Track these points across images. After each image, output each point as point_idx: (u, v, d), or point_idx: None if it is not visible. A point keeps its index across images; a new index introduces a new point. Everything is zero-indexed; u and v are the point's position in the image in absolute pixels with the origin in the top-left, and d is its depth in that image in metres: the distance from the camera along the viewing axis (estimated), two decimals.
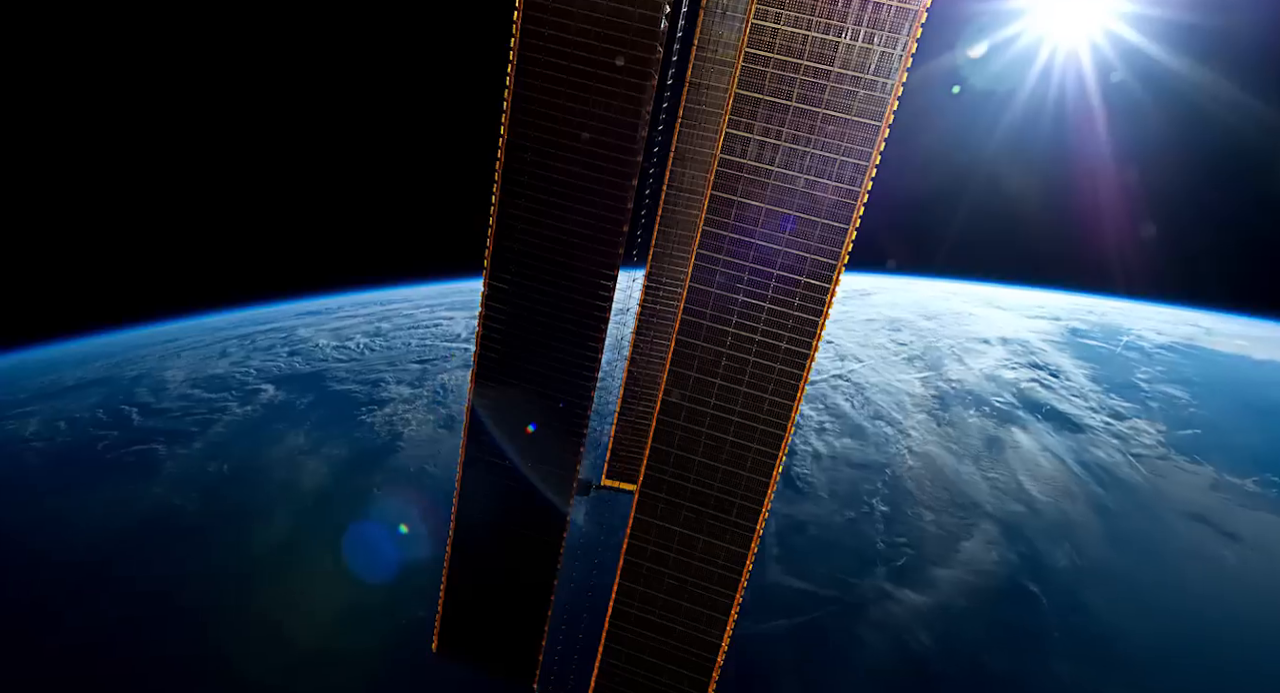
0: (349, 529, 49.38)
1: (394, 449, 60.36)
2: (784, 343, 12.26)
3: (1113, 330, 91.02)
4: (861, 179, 11.28)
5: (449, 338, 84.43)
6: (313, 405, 68.23)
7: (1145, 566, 48.25)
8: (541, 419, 14.80)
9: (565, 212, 13.21)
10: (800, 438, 60.66)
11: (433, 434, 62.82)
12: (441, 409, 66.92)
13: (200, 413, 67.05)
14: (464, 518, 15.99)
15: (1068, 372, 75.38)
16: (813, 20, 10.84)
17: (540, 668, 16.68)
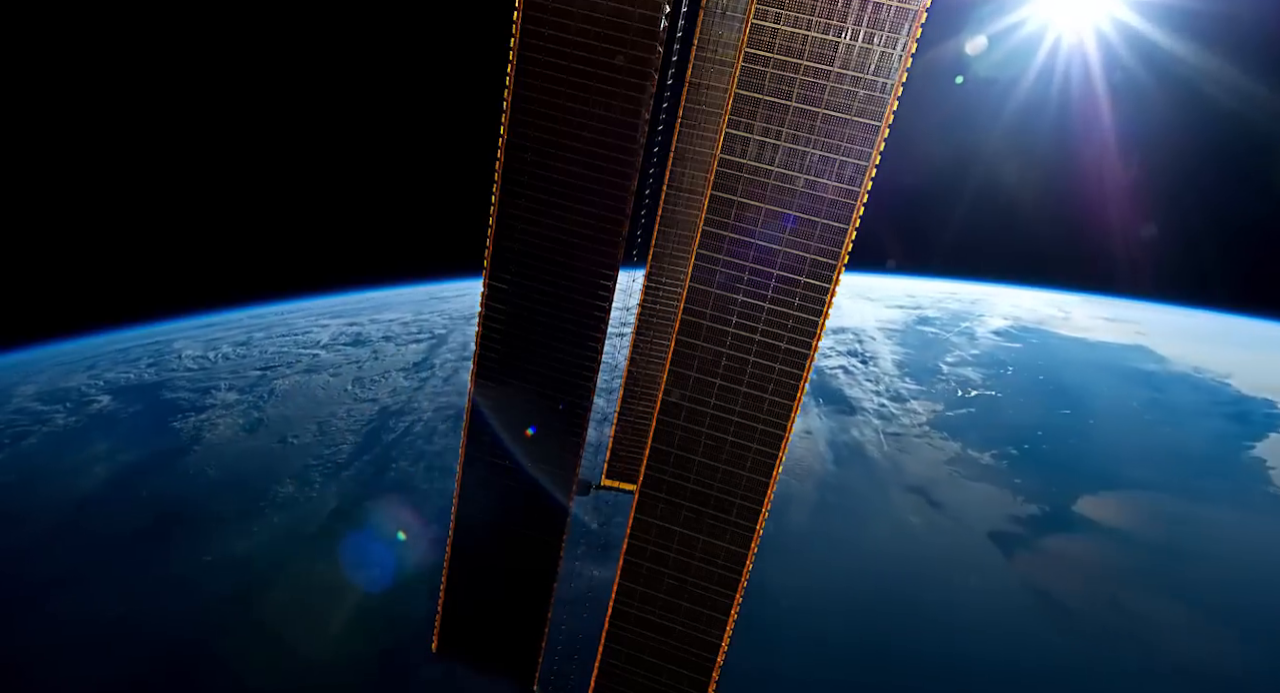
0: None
1: (187, 453, 62.15)
2: (784, 343, 12.26)
3: (964, 317, 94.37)
4: (861, 179, 11.28)
5: (310, 345, 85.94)
6: (136, 415, 69.66)
7: (829, 531, 51.38)
8: (541, 419, 14.80)
9: (565, 212, 13.21)
10: None
11: (232, 437, 64.56)
12: (255, 413, 68.71)
13: (23, 425, 68.16)
14: (464, 518, 15.99)
15: (879, 358, 79.12)
16: (813, 20, 10.84)
17: (540, 668, 16.68)
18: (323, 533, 51.36)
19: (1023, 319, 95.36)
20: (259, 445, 63.29)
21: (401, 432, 65.32)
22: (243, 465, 60.09)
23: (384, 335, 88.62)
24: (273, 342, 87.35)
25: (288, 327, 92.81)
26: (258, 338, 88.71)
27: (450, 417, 67.75)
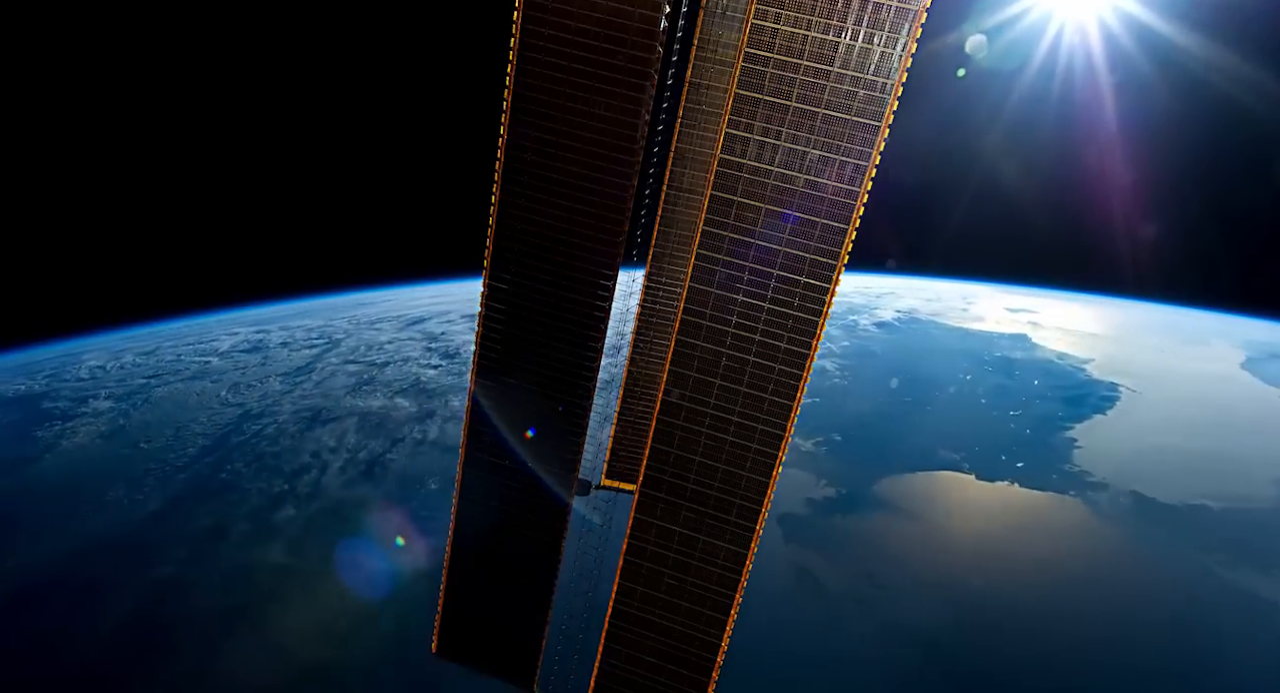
0: None
1: (38, 460, 63.04)
2: (784, 343, 12.26)
3: (859, 310, 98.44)
4: (861, 179, 11.28)
5: (208, 353, 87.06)
6: (6, 425, 70.56)
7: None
8: (541, 419, 14.79)
9: (565, 212, 13.20)
10: None
11: (87, 444, 65.34)
12: (121, 420, 69.48)
13: None
14: (463, 518, 15.99)
15: None
16: (812, 20, 10.84)
17: (540, 668, 16.67)
18: (133, 534, 52.32)
19: (918, 311, 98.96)
20: (109, 451, 64.46)
21: (251, 434, 66.27)
22: (85, 470, 61.12)
23: (283, 341, 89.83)
24: (177, 350, 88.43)
25: (201, 335, 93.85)
26: (166, 347, 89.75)
27: (306, 418, 69.03)
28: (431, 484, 59.20)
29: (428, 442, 66.00)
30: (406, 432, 67.52)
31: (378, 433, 66.94)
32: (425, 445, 65.43)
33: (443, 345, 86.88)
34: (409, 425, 68.60)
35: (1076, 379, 78.94)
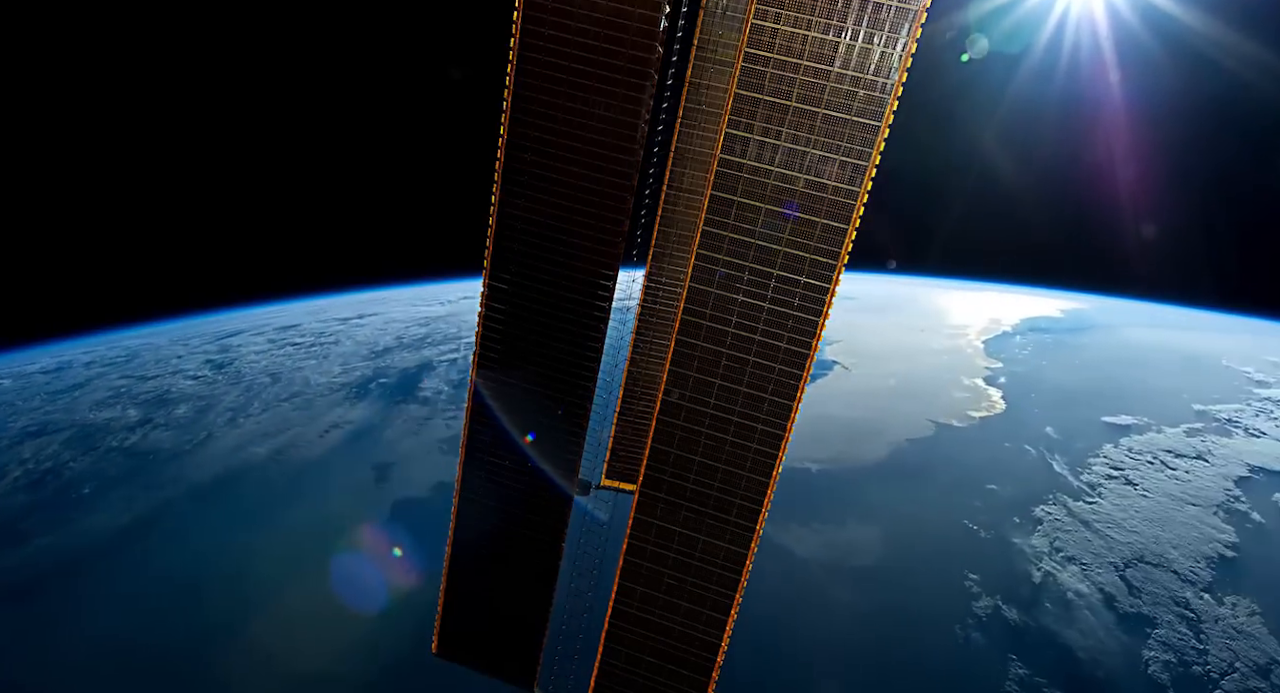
0: None
1: None
2: (784, 343, 12.26)
3: None
4: (861, 179, 11.28)
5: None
6: None
7: None
8: (540, 420, 14.79)
9: (565, 212, 13.20)
10: None
11: None
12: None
13: None
14: (464, 518, 15.98)
15: None
16: (812, 20, 10.83)
17: (540, 668, 16.66)
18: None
19: None
20: None
21: None
22: None
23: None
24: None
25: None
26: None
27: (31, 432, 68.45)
28: (86, 489, 59.42)
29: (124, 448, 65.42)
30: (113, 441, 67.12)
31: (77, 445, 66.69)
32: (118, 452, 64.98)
33: (231, 356, 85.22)
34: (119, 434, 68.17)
35: None
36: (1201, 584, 47.60)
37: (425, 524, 52.73)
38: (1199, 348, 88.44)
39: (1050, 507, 55.48)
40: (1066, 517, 54.28)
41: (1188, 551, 50.39)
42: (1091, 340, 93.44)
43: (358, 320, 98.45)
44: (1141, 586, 47.42)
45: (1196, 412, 69.27)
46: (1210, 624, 44.48)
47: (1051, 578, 48.11)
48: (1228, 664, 41.95)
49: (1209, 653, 42.66)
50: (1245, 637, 43.65)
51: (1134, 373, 79.71)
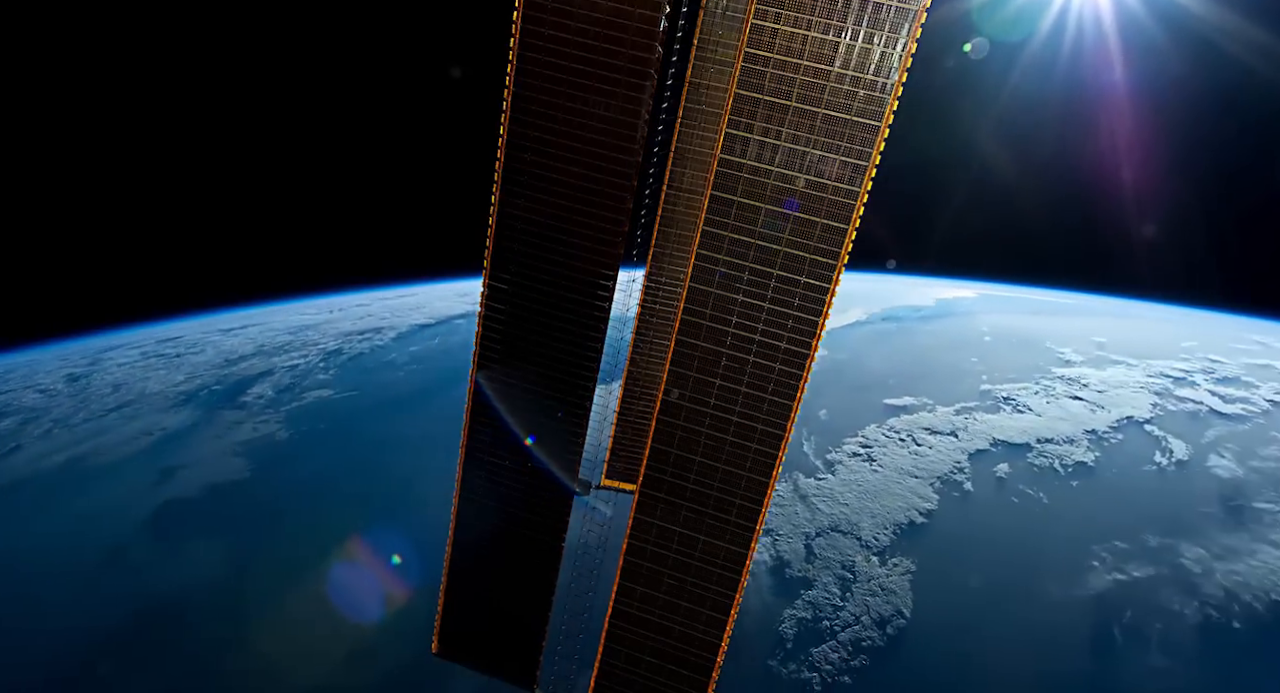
0: None
1: None
2: (784, 343, 12.26)
3: None
4: (861, 179, 11.28)
5: None
6: None
7: None
8: (540, 420, 14.79)
9: (565, 211, 13.20)
10: None
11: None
12: None
13: None
14: (464, 518, 15.98)
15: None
16: (812, 20, 10.84)
17: (540, 668, 16.66)
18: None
19: None
20: None
21: None
22: None
23: None
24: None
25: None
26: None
27: None
28: None
29: None
30: None
31: None
32: None
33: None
34: None
35: None
36: (876, 549, 49.70)
37: (188, 524, 54.02)
38: (1042, 332, 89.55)
39: (777, 484, 56.04)
40: (789, 492, 55.63)
41: (883, 519, 52.49)
42: (936, 327, 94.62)
43: (240, 329, 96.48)
44: (821, 552, 49.19)
45: (981, 391, 71.02)
46: (862, 584, 46.60)
47: None
48: (854, 618, 44.14)
49: (845, 609, 44.83)
50: (886, 594, 45.86)
51: (948, 357, 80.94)
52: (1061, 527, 52.69)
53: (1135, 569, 49.10)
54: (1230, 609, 46.32)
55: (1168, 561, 49.99)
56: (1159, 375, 75.93)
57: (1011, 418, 66.84)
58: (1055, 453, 61.75)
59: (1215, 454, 62.07)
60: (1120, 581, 48.18)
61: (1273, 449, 63.68)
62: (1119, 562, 49.59)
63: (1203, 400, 71.37)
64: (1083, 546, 50.67)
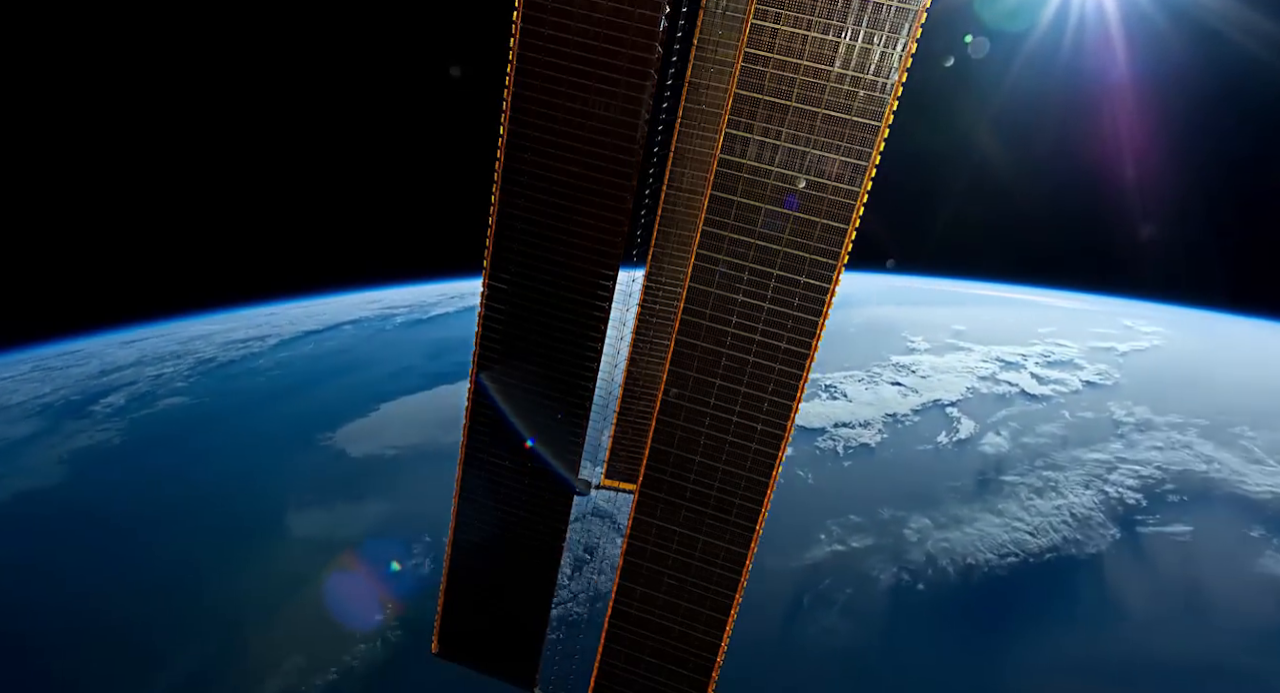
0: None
1: None
2: (784, 343, 12.26)
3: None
4: (861, 179, 11.28)
5: None
6: None
7: None
8: (540, 421, 14.79)
9: (565, 211, 13.20)
10: None
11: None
12: None
13: None
14: (464, 518, 15.98)
15: None
16: (812, 20, 10.84)
17: (540, 668, 16.67)
18: None
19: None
20: None
21: None
22: None
23: None
24: None
25: None
26: None
27: None
28: None
29: None
30: None
31: None
32: None
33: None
34: None
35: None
36: None
37: None
38: (908, 321, 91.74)
39: None
40: None
41: None
42: None
43: (138, 341, 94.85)
44: (573, 534, 50.91)
45: (810, 380, 72.60)
46: (595, 564, 49.27)
47: None
48: (571, 596, 47.15)
49: (566, 588, 46.85)
50: (612, 572, 47.66)
51: None
52: (811, 503, 55.60)
53: (856, 540, 52.24)
54: (924, 573, 49.65)
55: (892, 531, 53.26)
56: (994, 361, 78.88)
57: (823, 405, 69.38)
58: (845, 436, 64.64)
59: (993, 433, 65.57)
60: (838, 551, 51.24)
61: (1051, 427, 67.58)
62: (845, 534, 52.72)
63: (1018, 383, 74.66)
64: (819, 520, 53.61)
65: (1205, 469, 61.41)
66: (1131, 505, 57.07)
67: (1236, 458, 62.69)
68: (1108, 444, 64.72)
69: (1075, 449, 63.89)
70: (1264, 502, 57.30)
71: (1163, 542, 53.62)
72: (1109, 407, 70.36)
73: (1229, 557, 51.62)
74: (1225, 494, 58.48)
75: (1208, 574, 50.28)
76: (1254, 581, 49.41)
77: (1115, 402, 71.20)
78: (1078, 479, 59.83)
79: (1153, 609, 47.99)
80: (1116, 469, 61.19)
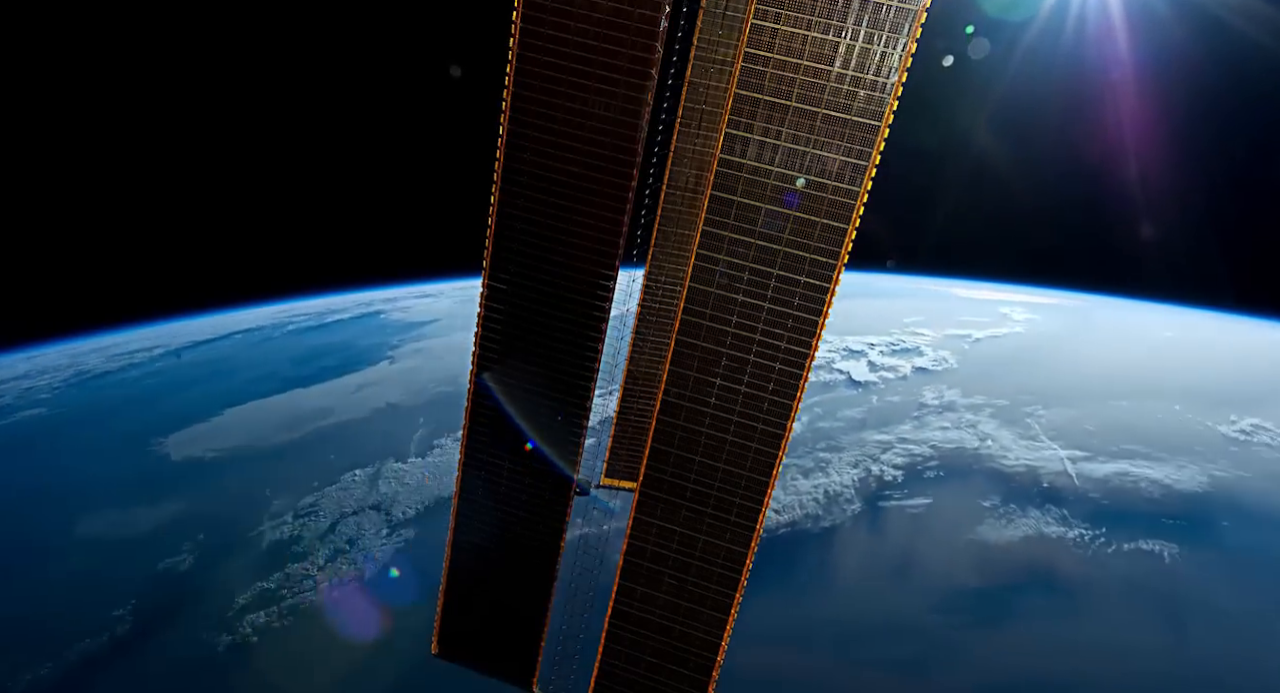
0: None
1: None
2: (784, 342, 12.27)
3: None
4: (861, 179, 11.29)
5: None
6: None
7: None
8: (539, 421, 14.79)
9: (565, 211, 13.21)
10: None
11: None
12: None
13: None
14: (463, 519, 15.99)
15: None
16: (812, 20, 10.85)
17: (540, 668, 16.67)
18: None
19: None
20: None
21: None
22: None
23: None
24: None
25: None
26: None
27: None
28: None
29: None
30: None
31: None
32: None
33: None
34: None
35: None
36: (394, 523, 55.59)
37: None
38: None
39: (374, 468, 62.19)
40: (367, 477, 61.21)
41: (420, 498, 58.40)
42: None
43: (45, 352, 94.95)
44: (343, 529, 55.07)
45: None
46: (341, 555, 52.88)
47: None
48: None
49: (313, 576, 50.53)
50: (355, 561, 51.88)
51: None
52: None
53: None
54: None
55: None
56: (840, 350, 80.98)
57: None
58: None
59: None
60: None
61: (854, 411, 70.34)
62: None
63: (849, 371, 77.26)
64: (586, 503, 55.03)
65: (977, 447, 64.49)
66: (888, 482, 60.01)
67: (1012, 435, 66.11)
68: (898, 426, 67.42)
69: (866, 432, 66.59)
70: (1015, 475, 60.47)
71: (897, 514, 56.70)
72: (923, 391, 73.20)
73: (950, 525, 54.56)
74: (983, 469, 61.57)
75: (923, 542, 53.49)
76: (963, 546, 52.56)
77: (933, 386, 73.87)
78: (850, 459, 62.37)
79: (862, 576, 50.84)
80: (892, 449, 63.86)
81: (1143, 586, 48.86)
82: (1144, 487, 58.28)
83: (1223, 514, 55.15)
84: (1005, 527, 54.29)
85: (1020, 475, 60.25)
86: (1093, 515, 55.06)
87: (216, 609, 47.23)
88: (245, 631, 45.50)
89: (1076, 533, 53.35)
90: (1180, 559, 50.59)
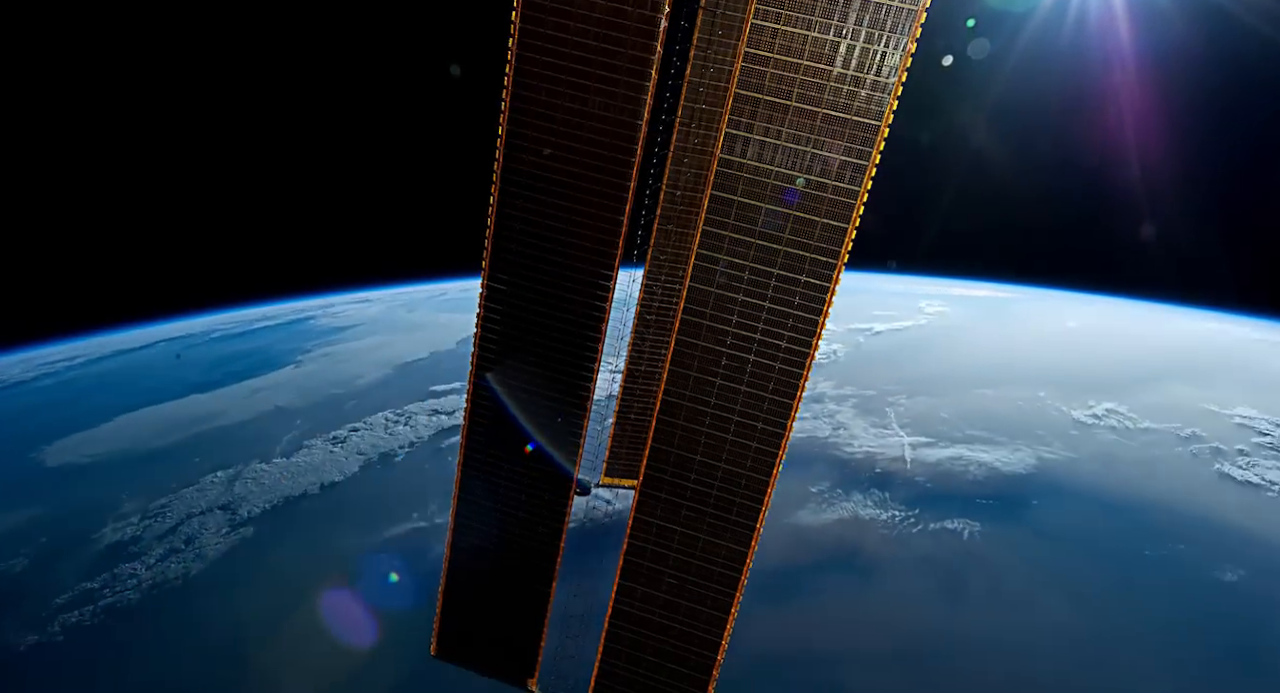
0: None
1: None
2: (784, 342, 12.27)
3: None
4: (861, 179, 11.29)
5: None
6: None
7: None
8: (539, 422, 14.78)
9: (564, 212, 13.20)
10: None
11: None
12: None
13: None
14: (462, 519, 15.97)
15: None
16: (812, 20, 10.85)
17: (539, 668, 16.66)
18: None
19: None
20: None
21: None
22: None
23: None
24: None
25: None
26: None
27: None
28: None
29: None
30: None
31: None
32: None
33: None
34: None
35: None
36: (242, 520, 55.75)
37: None
38: None
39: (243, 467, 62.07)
40: (225, 480, 60.82)
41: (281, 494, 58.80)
42: None
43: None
44: (186, 529, 54.53)
45: None
46: (179, 552, 52.33)
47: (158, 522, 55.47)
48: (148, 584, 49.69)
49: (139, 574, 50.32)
50: (192, 559, 51.60)
51: None
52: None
53: None
54: None
55: None
56: None
57: None
58: None
59: None
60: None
61: None
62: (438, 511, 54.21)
63: None
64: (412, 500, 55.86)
65: (827, 436, 64.86)
66: None
67: (865, 424, 66.87)
68: None
69: None
70: (854, 462, 60.94)
71: None
72: None
73: (771, 511, 52.65)
74: (826, 456, 61.82)
75: None
76: (778, 530, 51.40)
77: (811, 380, 74.33)
78: None
79: None
80: None
81: (934, 561, 49.21)
82: (972, 470, 59.03)
83: (1036, 494, 55.76)
84: (823, 510, 54.64)
85: (857, 462, 60.77)
86: (912, 498, 55.66)
87: (33, 609, 47.01)
88: (54, 630, 45.44)
89: (889, 515, 54.02)
90: (977, 537, 51.29)
